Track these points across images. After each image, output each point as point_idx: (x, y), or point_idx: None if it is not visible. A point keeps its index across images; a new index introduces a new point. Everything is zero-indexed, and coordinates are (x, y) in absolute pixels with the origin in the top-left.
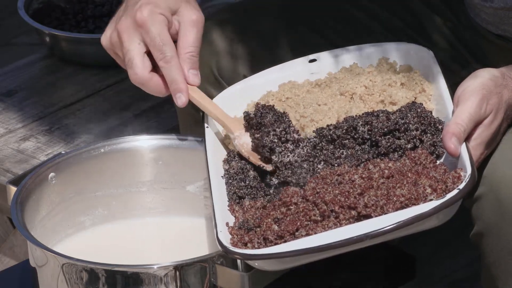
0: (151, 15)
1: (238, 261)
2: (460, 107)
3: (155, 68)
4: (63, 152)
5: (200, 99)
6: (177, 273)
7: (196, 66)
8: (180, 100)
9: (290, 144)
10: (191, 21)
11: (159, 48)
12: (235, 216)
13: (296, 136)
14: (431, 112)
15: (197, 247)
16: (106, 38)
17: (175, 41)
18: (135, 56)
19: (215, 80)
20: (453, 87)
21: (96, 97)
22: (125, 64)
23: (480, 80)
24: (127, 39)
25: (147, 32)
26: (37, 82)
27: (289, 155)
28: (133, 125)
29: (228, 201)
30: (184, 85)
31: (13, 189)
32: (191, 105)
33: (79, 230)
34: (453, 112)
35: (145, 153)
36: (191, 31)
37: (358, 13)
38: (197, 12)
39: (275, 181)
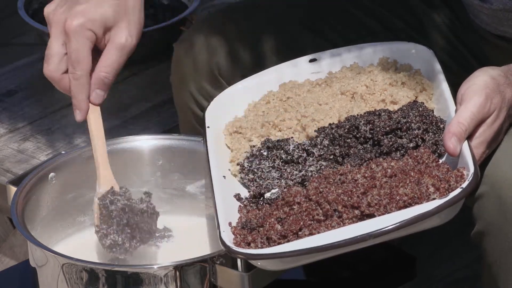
0: (79, 28)
1: (238, 261)
2: (463, 105)
3: None
4: (63, 152)
5: (94, 125)
6: (177, 273)
7: (105, 87)
8: (77, 116)
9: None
10: (117, 44)
11: (72, 63)
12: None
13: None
14: (432, 111)
15: (197, 247)
16: (50, 10)
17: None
18: (54, 55)
19: (215, 80)
20: (453, 87)
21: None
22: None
23: (484, 79)
24: (53, 36)
25: (69, 42)
26: (37, 82)
27: None
28: (133, 125)
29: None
30: (85, 104)
31: (13, 189)
32: (192, 104)
33: (79, 230)
34: (456, 110)
35: (145, 153)
36: (113, 54)
37: (358, 12)
38: (128, 36)
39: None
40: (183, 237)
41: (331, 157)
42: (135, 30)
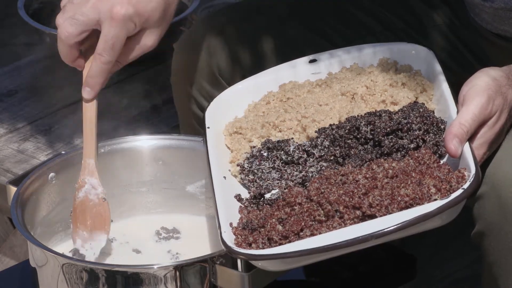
0: (126, 18)
1: (238, 261)
2: (465, 106)
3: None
4: (63, 152)
5: (90, 113)
6: (177, 273)
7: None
8: (86, 94)
9: None
10: (144, 46)
11: (105, 48)
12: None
13: None
14: (433, 112)
15: (197, 247)
16: None
17: None
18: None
19: (215, 80)
20: (453, 87)
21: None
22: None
23: (485, 80)
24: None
25: (110, 26)
26: (37, 82)
27: None
28: (133, 125)
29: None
30: (99, 86)
31: (13, 189)
32: (192, 105)
33: None
34: (457, 111)
35: (145, 153)
36: (136, 52)
37: (358, 13)
38: (156, 41)
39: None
40: (183, 237)
41: (332, 158)
42: (161, 36)
